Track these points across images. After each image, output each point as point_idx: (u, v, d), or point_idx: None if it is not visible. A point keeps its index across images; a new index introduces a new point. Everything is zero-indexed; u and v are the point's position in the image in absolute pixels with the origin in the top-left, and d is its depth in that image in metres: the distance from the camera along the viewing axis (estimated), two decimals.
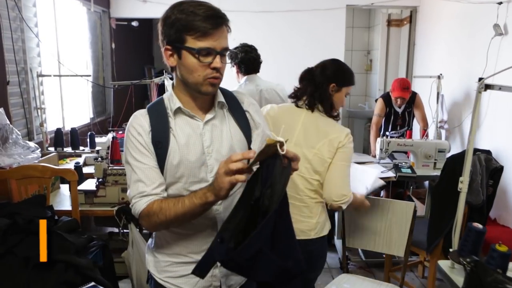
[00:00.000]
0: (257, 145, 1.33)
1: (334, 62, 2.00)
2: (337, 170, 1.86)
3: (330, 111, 1.93)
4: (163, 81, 3.16)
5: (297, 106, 1.96)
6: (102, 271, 1.91)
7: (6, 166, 2.36)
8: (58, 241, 1.82)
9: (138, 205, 1.22)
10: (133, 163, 1.24)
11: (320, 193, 1.89)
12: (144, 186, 1.22)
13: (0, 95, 2.77)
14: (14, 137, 2.56)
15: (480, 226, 1.55)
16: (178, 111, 1.27)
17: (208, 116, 1.28)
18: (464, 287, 1.36)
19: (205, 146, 1.26)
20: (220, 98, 1.31)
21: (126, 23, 4.75)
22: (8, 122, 2.55)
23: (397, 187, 3.89)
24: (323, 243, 1.94)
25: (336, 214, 3.48)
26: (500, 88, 1.45)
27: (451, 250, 1.67)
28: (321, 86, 1.91)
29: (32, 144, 2.67)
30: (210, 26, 1.15)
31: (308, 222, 1.88)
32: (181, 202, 1.17)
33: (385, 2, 4.70)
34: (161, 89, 3.45)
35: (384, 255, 3.07)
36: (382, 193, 3.95)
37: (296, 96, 1.99)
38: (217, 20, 1.16)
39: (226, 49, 1.20)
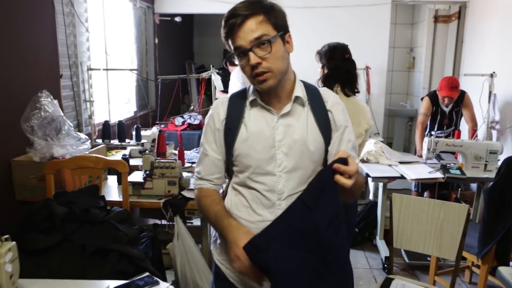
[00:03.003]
0: (335, 148, 1.29)
1: None
2: None
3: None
4: (210, 75, 3.18)
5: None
6: (152, 262, 1.95)
7: (59, 156, 2.44)
8: (111, 230, 1.86)
9: (194, 182, 1.40)
10: (203, 145, 1.35)
11: None
12: (201, 168, 1.36)
13: (54, 88, 2.86)
14: (66, 128, 2.64)
15: None
16: (254, 102, 1.29)
17: (284, 110, 1.27)
18: None
19: (277, 140, 1.25)
20: (298, 93, 1.28)
21: (169, 18, 4.82)
22: (62, 114, 2.63)
23: (442, 189, 3.77)
24: None
25: (379, 215, 3.41)
26: None
27: None
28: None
29: (82, 135, 2.74)
30: (234, 25, 1.18)
31: None
32: (212, 212, 1.28)
33: None
34: (208, 83, 3.47)
35: (428, 258, 2.98)
36: (426, 194, 3.83)
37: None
38: (240, 17, 1.17)
39: (258, 38, 1.17)
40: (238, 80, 3.76)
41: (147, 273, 1.52)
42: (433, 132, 3.76)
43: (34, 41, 2.66)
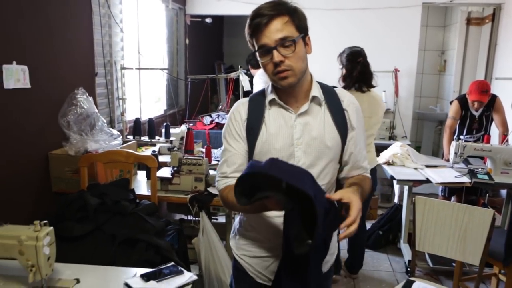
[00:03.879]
0: (349, 149, 1.35)
1: None
2: None
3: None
4: (238, 76, 3.25)
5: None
6: (177, 253, 2.03)
7: (93, 151, 2.56)
8: (139, 222, 1.95)
9: (218, 184, 1.38)
10: (225, 145, 1.38)
11: None
12: (226, 167, 1.36)
13: (90, 86, 3.00)
14: (100, 124, 2.76)
15: None
16: (273, 102, 1.34)
17: (302, 109, 1.32)
18: None
19: (295, 138, 1.30)
20: (315, 92, 1.33)
21: (200, 19, 4.92)
22: (96, 110, 2.75)
23: (470, 194, 3.70)
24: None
25: (403, 218, 3.39)
26: None
27: None
28: None
29: (115, 131, 2.86)
30: (260, 24, 1.22)
31: None
32: None
33: (465, 0, 4.47)
34: (236, 83, 3.55)
35: (453, 264, 2.95)
36: (453, 198, 3.78)
37: None
38: (266, 17, 1.21)
39: (284, 39, 1.21)
40: (261, 82, 3.84)
41: (172, 263, 1.60)
42: (461, 137, 3.70)
43: (72, 41, 2.80)
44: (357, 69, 2.85)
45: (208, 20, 4.85)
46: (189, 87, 4.30)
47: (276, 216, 1.31)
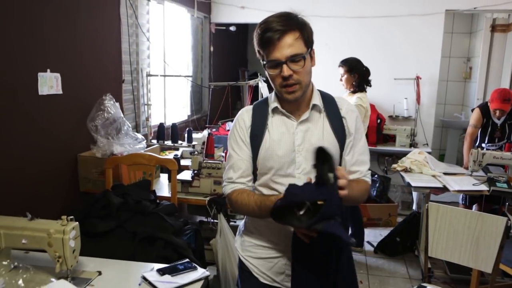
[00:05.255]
0: (346, 155, 1.42)
1: None
2: None
3: None
4: (257, 83, 3.35)
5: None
6: (194, 252, 2.13)
7: (118, 154, 2.71)
8: (159, 221, 2.07)
9: (225, 189, 1.45)
10: (231, 152, 1.45)
11: None
12: (233, 173, 1.43)
13: (117, 92, 3.17)
14: (125, 129, 2.91)
15: None
16: (276, 110, 1.42)
17: (303, 117, 1.39)
18: None
19: (296, 144, 1.38)
20: (315, 101, 1.41)
21: (224, 27, 5.06)
22: (122, 115, 2.91)
23: (492, 203, 3.66)
24: None
25: (422, 225, 3.39)
26: None
27: None
28: None
29: (139, 135, 3.01)
30: (272, 39, 1.27)
31: None
32: (253, 201, 1.33)
33: (489, 6, 4.43)
34: (256, 90, 3.66)
35: (471, 272, 2.94)
36: (474, 207, 3.74)
37: None
38: (278, 32, 1.26)
39: (295, 56, 1.28)
40: None
41: (187, 259, 1.70)
42: (483, 145, 3.68)
43: (101, 50, 2.98)
44: (367, 74, 3.50)
45: (232, 28, 4.98)
46: (210, 94, 4.43)
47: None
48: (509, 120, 3.56)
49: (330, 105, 1.43)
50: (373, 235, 3.99)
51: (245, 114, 1.46)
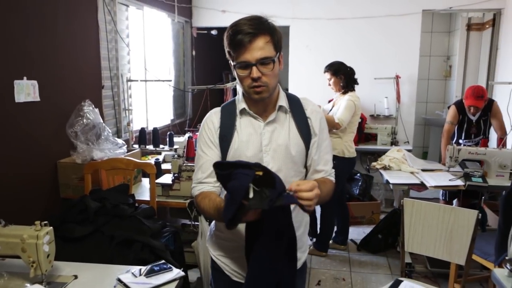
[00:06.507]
0: (311, 154, 1.46)
1: None
2: None
3: None
4: (235, 85, 3.39)
5: None
6: (173, 254, 2.16)
7: (98, 159, 2.72)
8: (137, 224, 2.09)
9: (193, 191, 1.46)
10: (199, 153, 1.47)
11: None
12: (201, 173, 1.45)
13: (96, 98, 3.18)
14: (105, 134, 2.93)
15: None
16: (243, 111, 1.45)
17: (270, 118, 1.43)
18: None
19: (263, 145, 1.42)
20: (281, 102, 1.45)
21: (206, 31, 5.10)
22: (102, 121, 2.92)
23: (471, 198, 3.74)
24: None
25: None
26: None
27: (507, 258, 1.65)
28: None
29: (120, 140, 3.02)
30: (243, 42, 1.29)
31: None
32: (213, 207, 1.32)
33: (464, 6, 4.53)
34: (235, 93, 3.70)
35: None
36: (455, 202, 3.82)
37: None
38: (249, 35, 1.29)
39: (265, 58, 1.31)
40: None
41: (162, 261, 1.72)
42: (460, 141, 3.76)
43: (79, 57, 2.99)
44: (353, 73, 3.56)
45: (213, 32, 5.02)
46: (190, 97, 4.46)
47: None
48: (484, 116, 3.64)
49: (295, 106, 1.47)
50: (357, 233, 4.05)
51: (213, 116, 1.49)
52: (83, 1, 3.03)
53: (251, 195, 1.13)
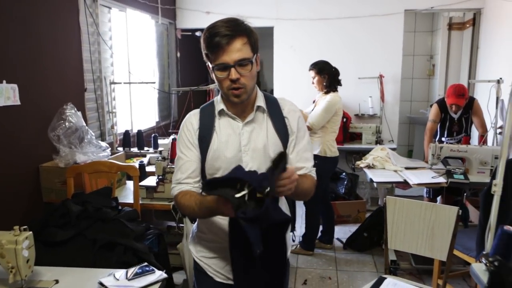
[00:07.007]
0: (290, 152, 1.47)
1: None
2: None
3: None
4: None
5: None
6: (157, 256, 2.15)
7: (81, 162, 2.70)
8: (120, 227, 2.08)
9: (173, 191, 1.47)
10: (179, 154, 1.48)
11: None
12: (180, 174, 1.46)
13: (79, 101, 3.16)
14: (89, 137, 2.91)
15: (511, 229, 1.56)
16: (222, 112, 1.46)
17: (248, 118, 1.45)
18: (487, 286, 1.39)
19: (242, 145, 1.43)
20: (259, 102, 1.46)
21: (190, 33, 5.09)
22: (84, 124, 2.90)
23: (455, 195, 3.80)
24: None
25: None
26: None
27: (484, 252, 1.69)
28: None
29: (103, 144, 3.00)
30: (221, 44, 1.30)
31: None
32: (193, 201, 1.34)
33: (445, 6, 4.60)
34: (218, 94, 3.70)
35: None
36: (439, 200, 3.87)
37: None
38: (227, 37, 1.30)
39: (243, 60, 1.32)
40: None
41: (145, 263, 1.72)
42: (443, 139, 3.81)
43: (61, 60, 2.96)
44: (337, 74, 3.57)
45: (198, 33, 5.00)
46: (174, 99, 4.45)
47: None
48: (465, 114, 3.70)
49: (273, 106, 1.48)
50: (343, 232, 4.08)
51: (192, 117, 1.49)
52: (64, 4, 3.01)
53: (239, 194, 1.14)
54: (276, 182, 1.19)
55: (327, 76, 3.49)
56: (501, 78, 3.51)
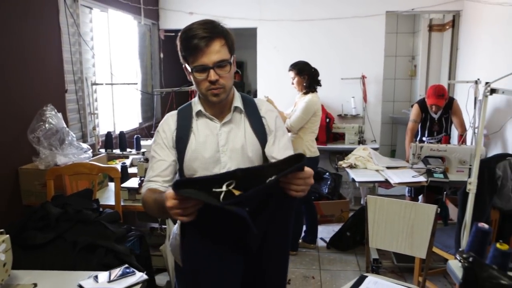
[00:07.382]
0: (268, 151, 1.48)
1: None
2: None
3: None
4: None
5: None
6: (139, 258, 2.14)
7: (62, 164, 2.67)
8: (101, 229, 2.07)
9: (142, 190, 1.46)
10: (152, 154, 1.49)
11: None
12: (151, 172, 1.46)
13: (59, 102, 3.12)
14: (69, 139, 2.87)
15: (486, 226, 1.60)
16: (199, 113, 1.47)
17: (225, 119, 1.46)
18: (462, 282, 1.42)
19: (220, 145, 1.44)
20: (236, 103, 1.48)
21: (173, 34, 5.06)
22: (65, 126, 2.87)
23: (435, 194, 3.86)
24: None
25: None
26: (504, 92, 1.50)
27: (460, 249, 1.72)
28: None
29: (84, 145, 2.97)
30: (199, 46, 1.31)
31: None
32: (152, 198, 1.32)
33: (426, 7, 4.68)
34: None
35: None
36: (420, 198, 3.94)
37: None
38: (205, 39, 1.31)
39: (221, 61, 1.34)
40: None
41: (126, 265, 1.72)
42: (424, 138, 3.88)
43: (41, 61, 2.93)
44: (317, 75, 3.59)
45: None
46: (156, 100, 4.43)
47: None
48: (445, 114, 3.77)
49: (250, 106, 1.50)
50: (327, 231, 4.11)
51: (170, 119, 1.50)
52: (44, 3, 2.97)
53: (216, 189, 1.10)
54: (292, 182, 1.15)
55: (307, 76, 3.52)
56: (478, 79, 3.59)
